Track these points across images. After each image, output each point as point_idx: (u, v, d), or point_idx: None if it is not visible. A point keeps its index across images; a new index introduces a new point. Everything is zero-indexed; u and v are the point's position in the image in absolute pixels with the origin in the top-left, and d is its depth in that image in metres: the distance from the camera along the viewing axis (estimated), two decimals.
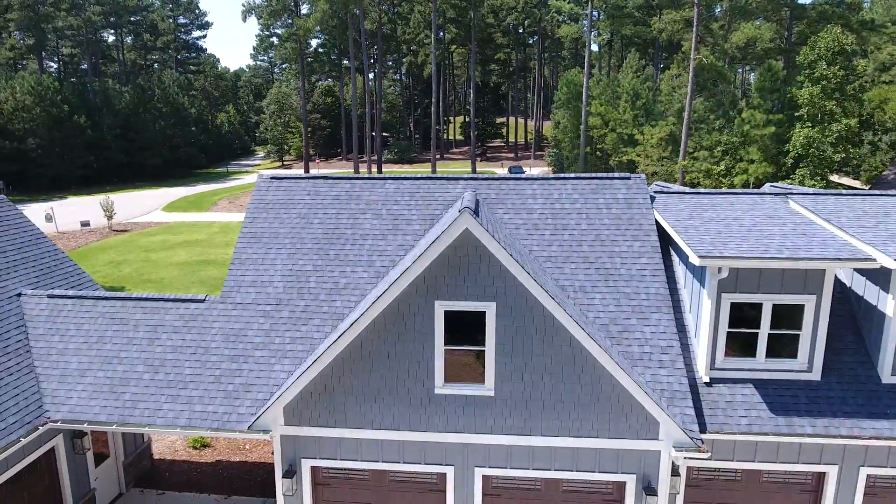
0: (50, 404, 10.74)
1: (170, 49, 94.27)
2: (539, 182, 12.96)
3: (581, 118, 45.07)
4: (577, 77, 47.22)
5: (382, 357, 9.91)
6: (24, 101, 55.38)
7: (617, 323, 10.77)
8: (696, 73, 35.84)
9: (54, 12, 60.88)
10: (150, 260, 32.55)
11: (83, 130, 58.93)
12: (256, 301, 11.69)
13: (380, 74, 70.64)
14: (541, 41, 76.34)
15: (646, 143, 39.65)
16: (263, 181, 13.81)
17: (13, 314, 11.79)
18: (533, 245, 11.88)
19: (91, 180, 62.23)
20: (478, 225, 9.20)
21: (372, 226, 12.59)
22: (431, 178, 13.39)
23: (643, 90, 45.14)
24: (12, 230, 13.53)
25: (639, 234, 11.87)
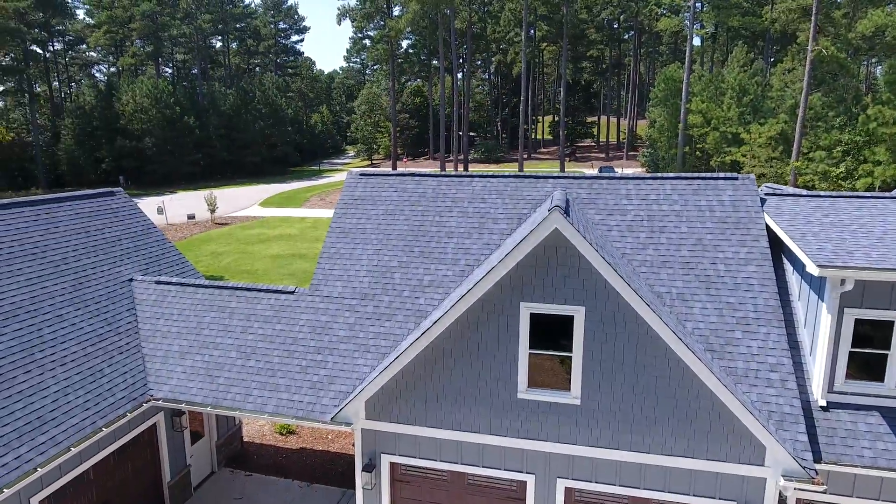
0: (154, 383, 11.44)
1: (270, 53, 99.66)
2: (634, 182, 12.24)
3: (679, 116, 42.73)
4: (677, 73, 44.79)
5: (464, 357, 9.70)
6: (143, 103, 60.52)
7: (719, 335, 9.92)
8: (813, 65, 32.87)
9: (170, 21, 66.16)
10: (246, 252, 34.39)
11: (192, 130, 63.57)
12: (343, 295, 11.86)
13: (468, 74, 70.89)
14: (637, 36, 73.36)
15: (753, 143, 36.89)
16: (352, 177, 14.03)
17: (125, 297, 12.69)
18: (626, 248, 11.22)
19: (197, 176, 67.00)
20: (568, 224, 8.76)
21: (457, 224, 12.42)
22: (519, 177, 13.03)
23: (751, 85, 42.08)
24: (127, 220, 14.59)
25: (746, 240, 10.89)
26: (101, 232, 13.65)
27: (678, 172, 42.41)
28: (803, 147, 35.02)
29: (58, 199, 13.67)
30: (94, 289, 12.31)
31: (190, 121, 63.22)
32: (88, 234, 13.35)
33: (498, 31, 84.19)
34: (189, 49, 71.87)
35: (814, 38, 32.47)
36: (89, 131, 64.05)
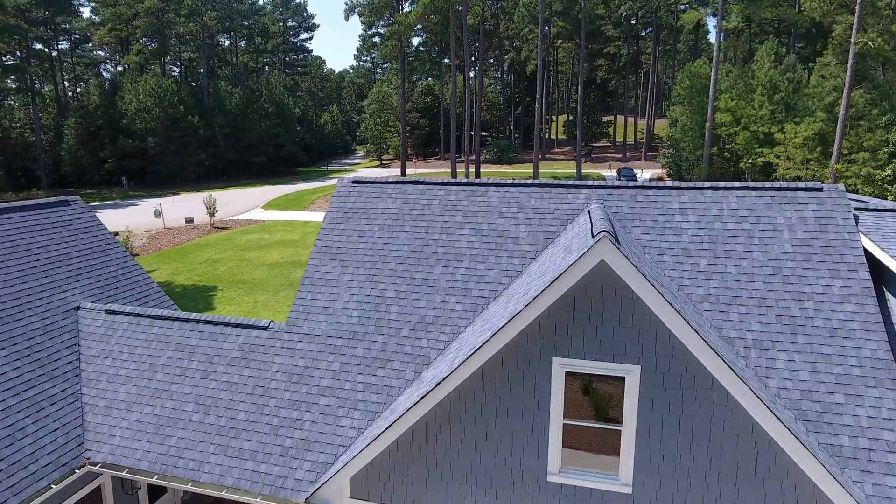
0: (92, 442, 9.26)
1: (279, 52, 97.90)
2: (689, 193, 9.84)
3: (705, 115, 40.05)
4: (702, 69, 42.08)
5: (478, 426, 7.41)
6: (146, 102, 58.82)
7: (813, 399, 7.52)
8: (856, 60, 30.15)
9: (175, 18, 64.47)
10: (244, 259, 32.33)
11: (196, 130, 61.82)
12: (327, 332, 9.60)
13: (480, 72, 68.61)
14: (655, 33, 70.52)
15: (787, 143, 34.17)
16: (344, 185, 11.76)
17: (67, 331, 10.53)
18: (683, 278, 8.84)
19: (202, 177, 65.28)
20: (620, 255, 6.43)
21: (469, 244, 10.11)
22: (544, 186, 10.67)
23: (781, 81, 39.33)
24: (82, 234, 12.44)
25: (840, 269, 8.48)
26: (46, 250, 11.50)
27: (703, 176, 39.83)
28: (843, 148, 32.30)
29: None
30: (27, 322, 10.15)
31: (194, 120, 61.42)
32: (30, 253, 11.21)
33: (511, 27, 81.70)
34: (196, 47, 70.17)
35: (857, 28, 29.73)
36: (92, 131, 62.53)
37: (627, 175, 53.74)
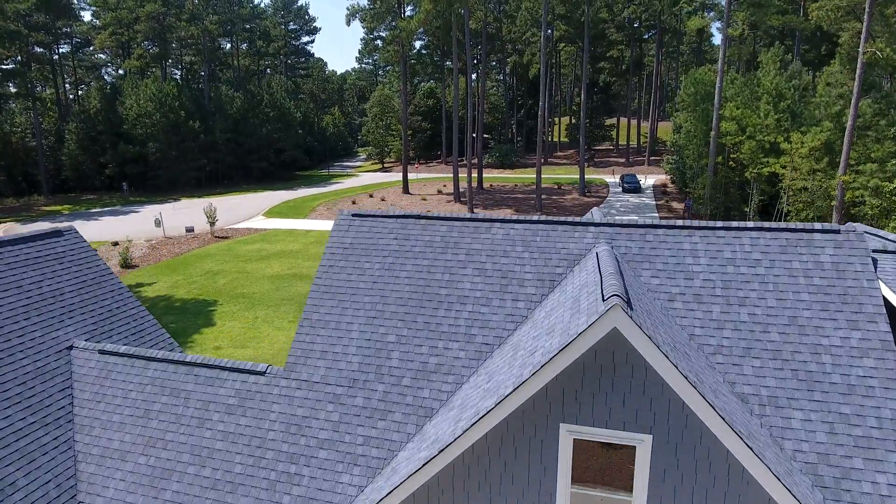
0: (86, 493, 8.99)
1: (280, 55, 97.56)
2: (701, 233, 9.51)
3: (710, 123, 39.66)
4: (707, 75, 41.67)
5: (482, 492, 7.12)
6: (147, 107, 58.57)
7: (831, 463, 7.21)
8: (864, 70, 29.75)
9: (176, 23, 64.17)
10: (244, 271, 32.06)
11: (197, 135, 61.53)
12: (326, 379, 9.30)
13: (483, 75, 68.23)
14: (659, 36, 70.02)
15: (793, 153, 33.77)
16: (344, 218, 11.45)
17: (60, 373, 10.25)
18: (695, 327, 8.53)
19: (203, 182, 65.05)
20: (632, 324, 6.13)
21: (473, 285, 9.79)
22: (550, 223, 10.34)
23: (787, 89, 38.92)
24: (75, 267, 12.15)
25: (858, 320, 8.15)
26: (38, 286, 11.22)
27: (708, 185, 39.43)
28: (851, 159, 31.88)
29: None
30: (19, 365, 9.87)
31: (195, 125, 61.11)
32: (21, 291, 10.92)
33: (514, 31, 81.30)
34: (197, 51, 69.85)
35: (865, 38, 29.32)
36: (93, 136, 62.32)
37: (630, 182, 53.42)
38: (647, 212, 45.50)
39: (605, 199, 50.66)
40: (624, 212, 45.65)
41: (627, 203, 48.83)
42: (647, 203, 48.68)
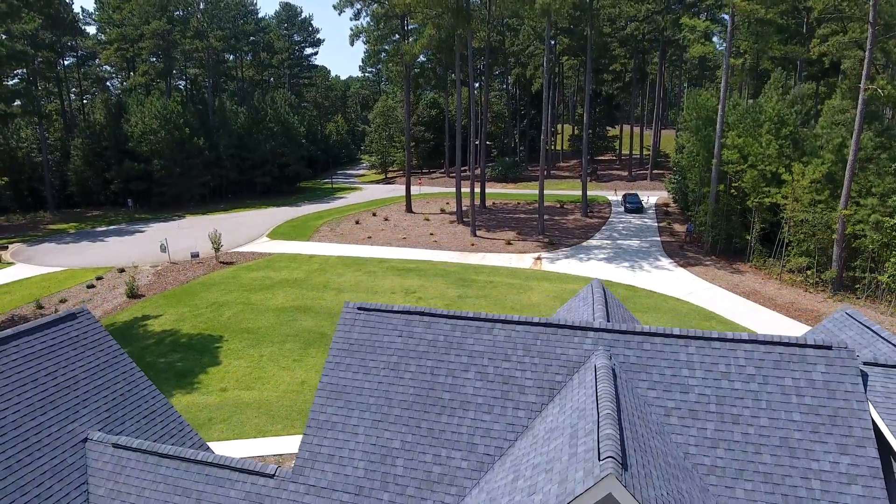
0: None
1: (284, 66, 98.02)
2: (697, 344, 9.79)
3: (712, 149, 39.84)
4: (709, 101, 41.85)
5: None
6: (152, 124, 58.98)
7: None
8: (865, 105, 29.96)
9: (181, 39, 64.59)
10: (249, 303, 32.41)
11: (202, 151, 61.95)
12: (333, 485, 9.61)
13: (486, 88, 68.29)
14: (662, 49, 70.15)
15: (794, 185, 33.97)
16: (349, 312, 11.74)
17: (76, 469, 10.58)
18: (690, 444, 8.81)
19: (207, 197, 65.49)
20: (626, 493, 6.41)
21: (475, 390, 10.10)
22: (550, 326, 10.62)
23: (789, 115, 39.06)
24: (88, 351, 12.49)
25: (847, 444, 8.43)
26: (53, 377, 11.55)
27: (710, 212, 39.58)
28: (853, 191, 32.08)
29: (4, 338, 11.58)
30: (36, 464, 10.20)
31: (199, 142, 61.54)
32: (37, 384, 11.26)
33: (517, 43, 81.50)
34: (201, 65, 70.25)
35: (867, 76, 29.51)
36: (98, 151, 62.78)
37: (633, 202, 53.63)
38: (650, 235, 45.72)
39: (608, 221, 50.87)
40: (626, 235, 45.86)
41: (630, 225, 49.04)
42: (649, 225, 48.89)
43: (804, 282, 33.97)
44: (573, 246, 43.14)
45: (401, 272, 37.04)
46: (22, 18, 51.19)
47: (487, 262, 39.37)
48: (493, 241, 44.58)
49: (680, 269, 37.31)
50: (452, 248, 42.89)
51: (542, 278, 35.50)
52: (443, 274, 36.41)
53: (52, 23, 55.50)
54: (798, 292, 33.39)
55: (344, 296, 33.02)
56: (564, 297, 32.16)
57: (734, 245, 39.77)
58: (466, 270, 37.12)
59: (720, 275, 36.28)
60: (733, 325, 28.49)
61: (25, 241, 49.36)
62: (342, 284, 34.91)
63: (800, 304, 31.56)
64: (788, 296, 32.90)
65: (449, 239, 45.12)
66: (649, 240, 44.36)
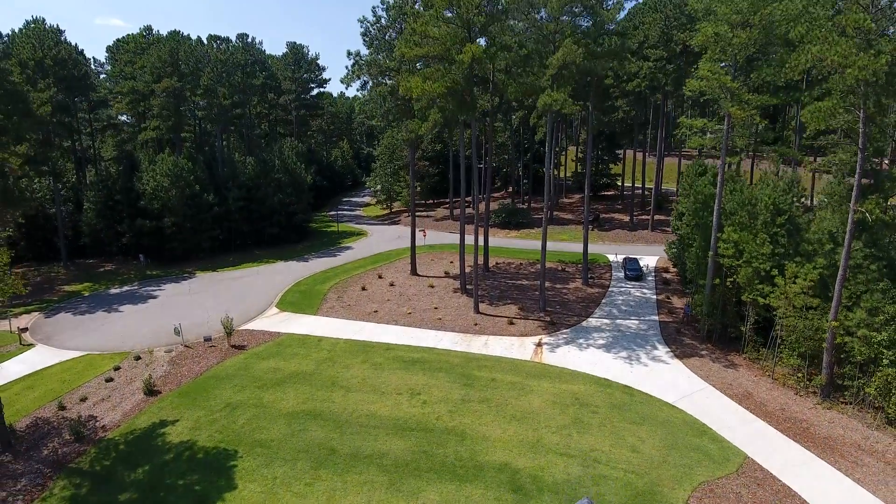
0: None
1: (291, 106, 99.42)
2: None
3: (709, 236, 41.04)
4: (706, 189, 43.04)
5: None
6: (163, 182, 60.43)
7: None
8: (854, 225, 31.13)
9: (191, 98, 65.99)
10: (261, 404, 33.81)
11: (212, 206, 63.42)
12: None
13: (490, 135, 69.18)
14: (664, 100, 71.21)
15: (786, 289, 35.13)
16: None
17: None
18: None
19: (216, 249, 66.98)
20: None
21: None
22: None
23: (784, 202, 40.19)
24: None
25: None
26: None
27: (706, 305, 40.76)
28: (844, 297, 33.22)
29: None
30: None
31: (210, 197, 63.03)
32: None
33: None
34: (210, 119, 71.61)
35: (856, 199, 30.65)
36: (111, 205, 64.32)
37: (633, 270, 54.84)
38: (648, 312, 46.94)
39: (608, 291, 52.10)
40: (625, 312, 47.10)
41: (629, 299, 50.26)
42: (648, 298, 50.10)
43: (796, 384, 35.18)
44: (573, 326, 44.41)
45: (406, 365, 38.39)
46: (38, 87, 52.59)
47: (490, 350, 40.67)
48: (496, 318, 45.88)
49: (676, 362, 38.55)
50: (456, 328, 44.20)
51: (541, 375, 36.80)
52: (446, 368, 37.74)
53: (66, 85, 56.81)
54: (789, 395, 34.61)
55: (352, 397, 34.39)
56: (564, 402, 33.52)
57: (729, 334, 40.96)
58: (469, 363, 38.43)
59: (715, 370, 37.49)
60: (723, 444, 29.73)
61: (42, 309, 50.94)
62: (350, 381, 36.27)
63: (790, 411, 32.78)
64: (780, 399, 34.12)
65: (453, 316, 46.42)
66: (647, 319, 45.57)
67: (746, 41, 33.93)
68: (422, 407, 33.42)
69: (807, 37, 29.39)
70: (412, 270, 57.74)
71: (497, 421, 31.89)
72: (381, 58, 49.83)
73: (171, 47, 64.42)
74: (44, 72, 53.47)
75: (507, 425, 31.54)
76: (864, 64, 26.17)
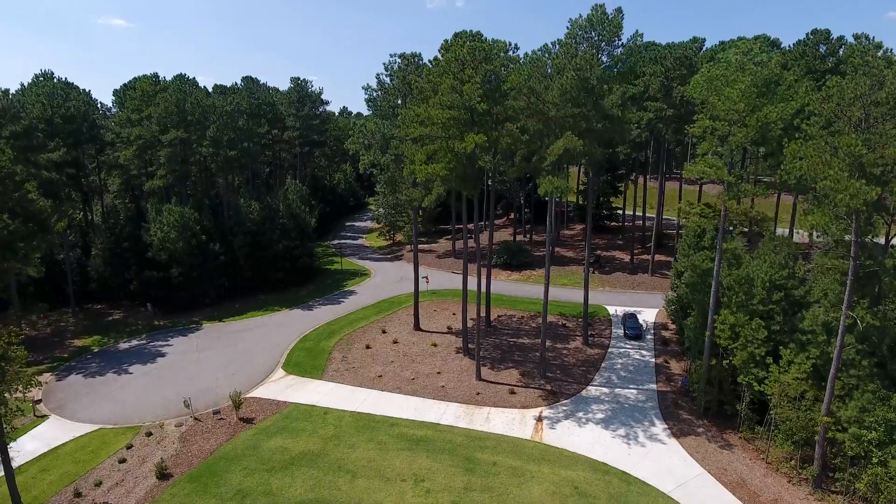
0: None
1: (296, 144, 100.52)
2: None
3: (706, 311, 42.03)
4: (704, 264, 44.02)
5: None
6: (170, 234, 61.51)
7: None
8: (846, 329, 32.09)
9: (197, 148, 66.98)
10: (270, 492, 34.84)
11: (218, 255, 64.52)
12: None
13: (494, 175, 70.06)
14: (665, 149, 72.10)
15: (780, 377, 36.11)
16: None
17: None
18: None
19: (222, 296, 68.10)
20: None
21: None
22: None
23: (780, 277, 41.20)
24: None
25: None
26: None
27: (703, 383, 41.74)
28: (837, 388, 34.18)
29: None
30: None
31: (216, 247, 64.14)
32: None
33: None
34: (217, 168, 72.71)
35: (848, 305, 31.61)
36: (118, 252, 65.40)
37: (633, 329, 55.83)
38: (646, 380, 47.95)
39: (607, 352, 53.12)
40: (624, 379, 48.12)
41: (628, 361, 51.28)
42: (647, 362, 51.11)
43: (789, 471, 36.20)
44: (573, 396, 45.44)
45: (410, 444, 39.41)
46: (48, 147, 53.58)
47: (492, 425, 41.71)
48: (497, 386, 46.92)
49: (673, 442, 39.56)
50: (459, 398, 45.25)
51: (542, 459, 37.80)
52: (449, 449, 38.77)
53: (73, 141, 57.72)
54: (782, 483, 35.62)
55: (358, 484, 35.40)
56: (564, 492, 34.55)
57: (725, 411, 41.95)
58: (472, 444, 39.45)
59: (710, 451, 38.51)
60: None
61: (53, 369, 52.06)
62: (356, 464, 37.26)
63: (783, 502, 33.81)
64: (773, 488, 35.13)
65: (455, 384, 47.45)
66: (646, 389, 46.56)
67: (742, 140, 34.81)
68: (425, 497, 34.44)
69: (800, 152, 30.29)
70: (415, 325, 58.76)
71: None
72: (385, 124, 50.77)
73: (177, 98, 65.34)
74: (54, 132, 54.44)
75: None
76: (855, 192, 27.05)
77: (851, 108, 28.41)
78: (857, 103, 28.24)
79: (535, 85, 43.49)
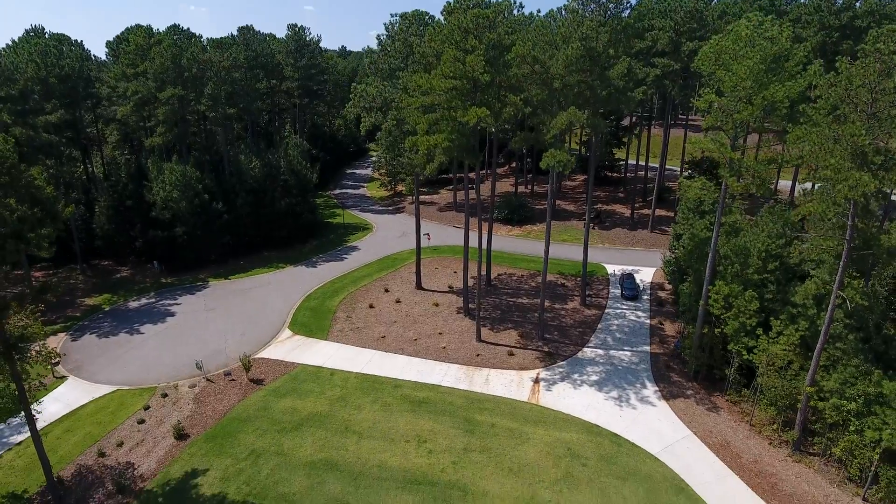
0: None
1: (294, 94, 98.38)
2: None
3: (702, 282, 43.14)
4: (702, 233, 44.63)
5: None
6: (172, 193, 61.79)
7: None
8: (835, 307, 33.18)
9: (195, 105, 65.90)
10: (282, 452, 37.12)
11: (221, 215, 65.06)
12: None
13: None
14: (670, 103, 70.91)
15: (769, 347, 37.58)
16: None
17: None
18: None
19: (227, 255, 69.10)
20: None
21: None
22: None
23: (775, 247, 42.16)
24: None
25: None
26: None
27: (695, 349, 43.33)
28: (822, 359, 35.68)
29: None
30: None
31: (219, 206, 64.56)
32: None
33: None
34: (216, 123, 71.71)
35: (839, 286, 32.53)
36: (122, 210, 65.90)
37: (630, 289, 57.07)
38: (641, 341, 49.64)
39: (604, 313, 54.62)
40: (619, 341, 49.83)
41: (624, 323, 52.84)
42: (642, 323, 52.67)
43: (771, 434, 38.34)
44: (569, 358, 47.26)
45: (413, 406, 41.48)
46: (45, 109, 53.04)
47: (491, 387, 43.68)
48: (497, 347, 48.68)
49: (662, 404, 41.61)
50: (459, 359, 47.10)
51: (538, 421, 39.91)
52: (451, 411, 40.86)
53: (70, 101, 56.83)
54: (763, 445, 37.83)
55: (364, 445, 37.64)
56: (558, 453, 36.79)
57: (714, 375, 43.78)
58: (472, 406, 41.49)
59: (698, 414, 40.59)
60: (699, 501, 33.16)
61: (68, 329, 53.81)
62: (362, 427, 39.39)
63: (763, 464, 36.07)
64: (755, 449, 37.36)
65: (456, 345, 49.19)
66: (639, 350, 48.32)
67: (748, 118, 34.65)
68: (428, 457, 36.73)
69: (803, 137, 30.35)
70: (417, 283, 60.06)
71: (496, 475, 35.24)
72: (386, 86, 50.03)
73: (172, 54, 63.77)
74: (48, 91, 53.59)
75: (504, 479, 34.92)
76: (854, 183, 27.38)
77: (858, 94, 28.22)
78: (863, 90, 28.03)
79: (539, 54, 42.63)
